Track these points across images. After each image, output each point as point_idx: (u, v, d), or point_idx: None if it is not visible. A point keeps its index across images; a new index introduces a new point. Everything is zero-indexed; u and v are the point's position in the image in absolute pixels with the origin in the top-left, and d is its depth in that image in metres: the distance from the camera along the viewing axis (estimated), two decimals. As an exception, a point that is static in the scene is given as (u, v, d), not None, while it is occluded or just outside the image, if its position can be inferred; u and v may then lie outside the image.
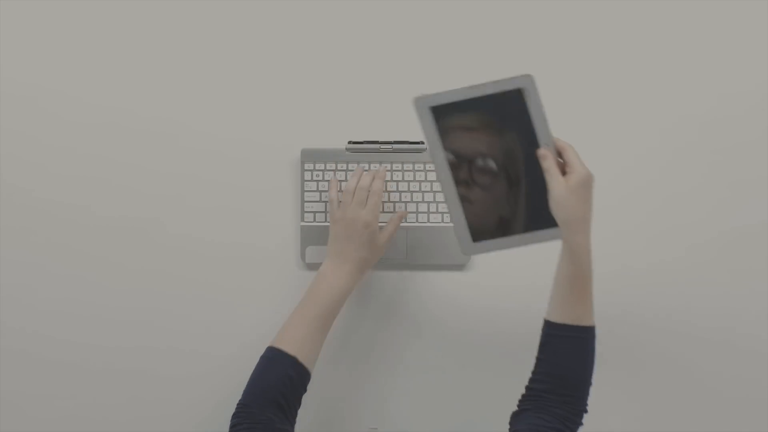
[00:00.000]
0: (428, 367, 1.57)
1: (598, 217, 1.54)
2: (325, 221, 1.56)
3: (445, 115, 1.42)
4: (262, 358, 1.39)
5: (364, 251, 1.44)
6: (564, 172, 1.31)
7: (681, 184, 1.58)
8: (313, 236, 1.56)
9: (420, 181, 1.56)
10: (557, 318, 1.31)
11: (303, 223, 1.57)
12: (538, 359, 1.32)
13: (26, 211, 1.58)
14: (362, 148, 1.57)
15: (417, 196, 1.56)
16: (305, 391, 1.39)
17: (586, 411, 1.31)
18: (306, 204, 1.57)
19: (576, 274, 1.29)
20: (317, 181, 1.57)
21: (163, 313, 1.58)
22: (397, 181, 1.56)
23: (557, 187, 1.30)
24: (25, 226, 1.58)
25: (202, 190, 1.59)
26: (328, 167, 1.57)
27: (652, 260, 1.57)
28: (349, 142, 1.57)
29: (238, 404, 1.36)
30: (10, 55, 1.59)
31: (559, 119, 1.54)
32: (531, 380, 1.33)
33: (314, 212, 1.57)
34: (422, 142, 1.56)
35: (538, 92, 1.39)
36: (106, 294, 1.58)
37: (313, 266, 1.56)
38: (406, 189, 1.56)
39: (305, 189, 1.57)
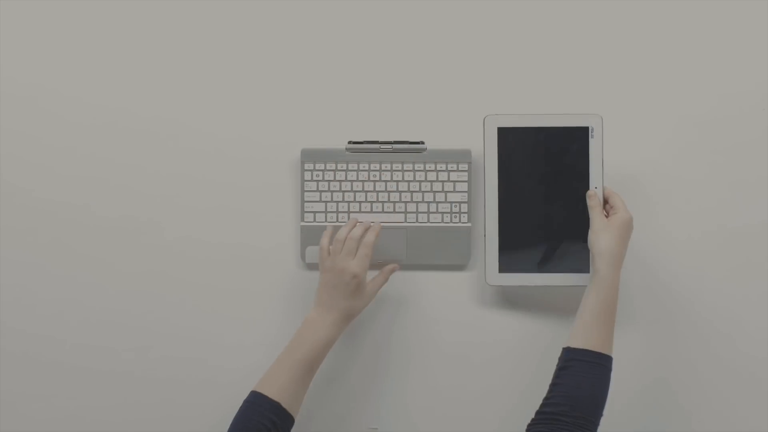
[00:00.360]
0: (428, 367, 1.57)
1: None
2: (326, 221, 1.56)
3: (510, 137, 1.44)
4: (245, 402, 1.39)
5: (351, 301, 1.44)
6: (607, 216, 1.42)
7: (681, 183, 1.58)
8: (313, 236, 1.56)
9: (420, 181, 1.56)
10: (579, 344, 1.35)
11: (303, 223, 1.57)
12: (555, 384, 1.34)
13: (26, 212, 1.58)
14: (362, 148, 1.57)
15: (417, 196, 1.56)
16: None
17: None
18: (306, 204, 1.57)
19: (603, 304, 1.36)
20: (317, 181, 1.57)
21: (161, 312, 1.58)
22: (397, 181, 1.56)
23: (600, 221, 1.40)
24: (25, 227, 1.58)
25: (201, 189, 1.59)
26: (328, 167, 1.57)
27: (651, 260, 1.57)
28: (349, 142, 1.57)
29: None
30: (10, 55, 1.59)
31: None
32: (545, 404, 1.34)
33: (314, 212, 1.57)
34: (422, 142, 1.56)
35: (603, 134, 1.41)
36: (104, 294, 1.58)
37: (313, 266, 1.56)
38: (406, 189, 1.56)
39: (305, 189, 1.57)
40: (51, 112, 1.59)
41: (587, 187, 1.46)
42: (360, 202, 1.57)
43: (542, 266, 1.48)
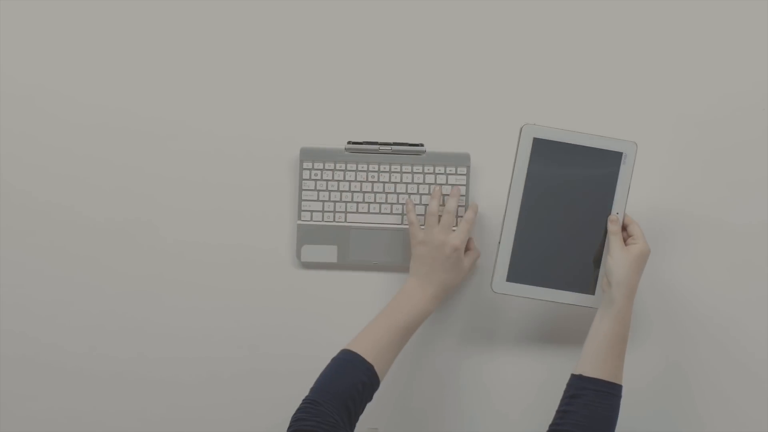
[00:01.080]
0: (428, 367, 1.57)
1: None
2: (323, 220, 1.56)
3: (544, 149, 1.44)
4: (338, 359, 1.40)
5: (450, 275, 1.47)
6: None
7: (680, 183, 1.57)
8: (309, 235, 1.56)
9: (418, 184, 1.56)
10: (592, 373, 1.35)
11: (300, 222, 1.57)
12: (566, 411, 1.34)
13: (24, 213, 1.58)
14: (361, 149, 1.56)
15: (415, 198, 1.56)
16: (371, 399, 1.40)
17: None
18: (303, 203, 1.57)
19: (617, 335, 1.37)
20: (315, 180, 1.56)
21: (160, 313, 1.58)
22: (395, 183, 1.56)
23: (619, 251, 1.40)
24: (23, 228, 1.58)
25: (200, 189, 1.58)
26: (326, 166, 1.56)
27: (651, 260, 1.56)
28: (349, 142, 1.56)
29: (306, 399, 1.36)
30: (9, 55, 1.59)
31: (558, 119, 1.55)
32: (555, 430, 1.34)
33: (311, 211, 1.56)
34: (421, 144, 1.55)
35: (634, 161, 1.41)
36: (102, 295, 1.58)
37: (308, 265, 1.56)
38: (404, 191, 1.56)
39: (303, 188, 1.56)
40: (49, 113, 1.58)
41: (609, 212, 1.46)
42: (357, 203, 1.56)
43: (550, 281, 1.48)
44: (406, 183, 1.56)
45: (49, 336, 1.57)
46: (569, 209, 1.47)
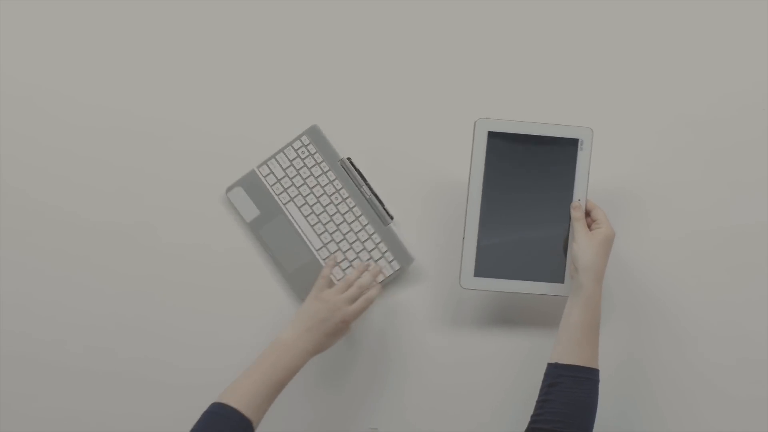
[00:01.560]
0: (428, 367, 1.57)
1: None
2: (271, 186, 1.57)
3: (500, 142, 1.45)
4: (210, 413, 1.35)
5: (329, 341, 1.45)
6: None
7: (680, 183, 1.57)
8: (252, 187, 1.57)
9: (362, 242, 1.57)
10: (568, 360, 1.36)
11: (256, 168, 1.58)
12: (546, 400, 1.35)
13: (23, 213, 1.58)
14: (349, 173, 1.57)
15: (350, 253, 1.58)
16: None
17: None
18: (274, 160, 1.57)
19: (589, 320, 1.37)
20: (300, 158, 1.57)
21: (159, 314, 1.57)
22: (348, 223, 1.57)
23: (584, 236, 1.41)
24: (22, 228, 1.58)
25: (200, 189, 1.59)
26: (316, 159, 1.57)
27: (650, 260, 1.56)
28: (348, 159, 1.57)
29: None
30: (8, 55, 1.60)
31: (557, 119, 1.55)
32: (537, 420, 1.34)
33: (273, 173, 1.58)
34: (392, 217, 1.57)
35: (592, 147, 1.41)
36: (102, 295, 1.58)
37: (227, 206, 1.58)
38: (347, 240, 1.57)
39: (286, 153, 1.58)
40: (48, 113, 1.59)
41: (571, 199, 1.46)
42: (310, 205, 1.57)
43: (518, 273, 1.49)
44: (355, 233, 1.56)
45: (49, 336, 1.57)
46: (531, 199, 1.47)
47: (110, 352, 1.57)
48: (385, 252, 1.55)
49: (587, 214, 1.45)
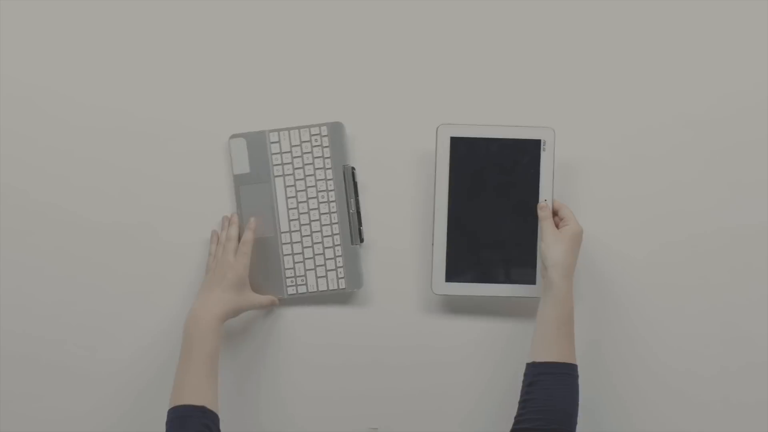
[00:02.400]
0: (428, 367, 1.57)
1: (598, 216, 1.55)
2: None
3: (463, 147, 1.46)
4: (171, 421, 1.37)
5: (230, 294, 1.46)
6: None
7: (680, 183, 1.57)
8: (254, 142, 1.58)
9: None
10: (545, 357, 1.37)
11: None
12: (526, 399, 1.36)
13: (22, 213, 1.58)
14: (347, 182, 1.56)
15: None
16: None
17: None
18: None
19: (562, 316, 1.38)
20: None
21: (159, 314, 1.57)
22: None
23: (551, 234, 1.42)
24: (21, 228, 1.58)
25: (199, 190, 1.59)
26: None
27: (651, 260, 1.56)
28: (351, 168, 1.57)
29: None
30: (9, 55, 1.60)
31: (557, 118, 1.55)
32: (520, 421, 1.35)
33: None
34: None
35: (555, 147, 1.42)
36: (102, 296, 1.58)
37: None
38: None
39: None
40: (48, 114, 1.59)
41: (537, 200, 1.47)
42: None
43: (490, 277, 1.49)
44: (322, 237, 1.56)
45: (49, 336, 1.57)
46: (498, 202, 1.48)
47: (110, 352, 1.57)
48: (339, 268, 1.55)
49: (555, 213, 1.47)
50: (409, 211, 1.57)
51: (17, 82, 1.59)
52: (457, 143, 1.47)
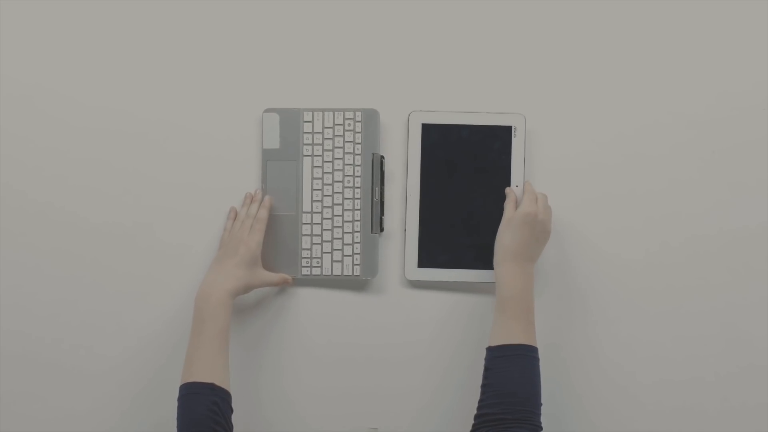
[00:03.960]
0: (428, 366, 1.57)
1: (598, 216, 1.55)
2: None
3: (434, 134, 1.47)
4: (181, 398, 1.38)
5: (242, 270, 1.47)
6: None
7: (679, 183, 1.57)
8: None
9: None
10: (498, 341, 1.38)
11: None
12: (484, 385, 1.36)
13: (22, 213, 1.58)
14: (374, 170, 1.56)
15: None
16: (232, 411, 1.40)
17: (541, 428, 1.34)
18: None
19: (511, 297, 1.40)
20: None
21: (159, 314, 1.58)
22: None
23: (504, 218, 1.44)
24: (21, 228, 1.58)
25: (199, 190, 1.59)
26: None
27: (651, 260, 1.56)
28: (381, 156, 1.56)
29: None
30: (9, 55, 1.60)
31: (556, 118, 1.55)
32: (480, 406, 1.36)
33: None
34: None
35: (525, 133, 1.43)
36: (101, 295, 1.58)
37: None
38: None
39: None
40: (48, 114, 1.59)
41: (508, 185, 1.48)
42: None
43: (462, 262, 1.49)
44: (342, 222, 1.56)
45: (48, 336, 1.57)
46: (470, 189, 1.50)
47: (110, 351, 1.58)
48: (356, 254, 1.55)
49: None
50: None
51: (17, 82, 1.59)
52: (428, 129, 1.48)
